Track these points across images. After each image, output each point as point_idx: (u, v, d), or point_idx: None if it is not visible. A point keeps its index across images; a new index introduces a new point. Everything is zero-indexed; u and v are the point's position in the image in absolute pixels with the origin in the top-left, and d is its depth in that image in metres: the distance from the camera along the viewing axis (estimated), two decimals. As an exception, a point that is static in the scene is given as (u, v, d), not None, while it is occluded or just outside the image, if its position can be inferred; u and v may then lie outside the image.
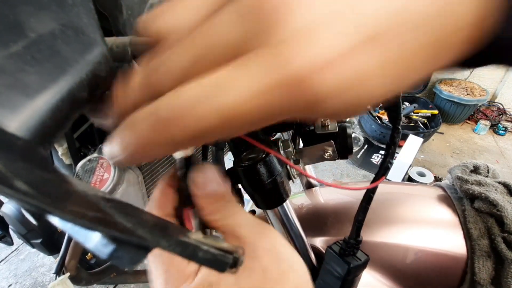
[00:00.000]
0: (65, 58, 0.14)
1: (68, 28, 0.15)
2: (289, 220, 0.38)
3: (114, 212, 0.10)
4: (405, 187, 0.56)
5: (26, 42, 0.13)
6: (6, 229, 0.98)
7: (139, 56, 0.18)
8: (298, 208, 0.56)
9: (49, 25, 0.14)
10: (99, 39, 0.15)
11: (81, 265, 0.57)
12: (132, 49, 0.18)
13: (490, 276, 0.39)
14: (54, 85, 0.13)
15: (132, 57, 0.18)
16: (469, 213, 0.43)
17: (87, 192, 0.10)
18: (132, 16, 0.24)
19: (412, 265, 0.45)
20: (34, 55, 0.13)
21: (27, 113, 0.11)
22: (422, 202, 0.49)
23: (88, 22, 0.15)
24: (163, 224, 0.12)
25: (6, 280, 1.45)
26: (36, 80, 0.13)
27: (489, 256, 0.40)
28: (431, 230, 0.46)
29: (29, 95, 0.12)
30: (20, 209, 0.82)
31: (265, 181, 0.30)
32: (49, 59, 0.13)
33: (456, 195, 0.48)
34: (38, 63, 0.13)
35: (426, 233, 0.45)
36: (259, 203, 0.34)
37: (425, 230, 0.46)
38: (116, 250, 0.09)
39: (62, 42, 0.14)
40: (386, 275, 0.48)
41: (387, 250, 0.47)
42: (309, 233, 0.51)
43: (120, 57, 0.18)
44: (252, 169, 0.30)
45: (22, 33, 0.13)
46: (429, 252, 0.44)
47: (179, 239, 0.09)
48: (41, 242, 0.86)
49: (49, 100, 0.13)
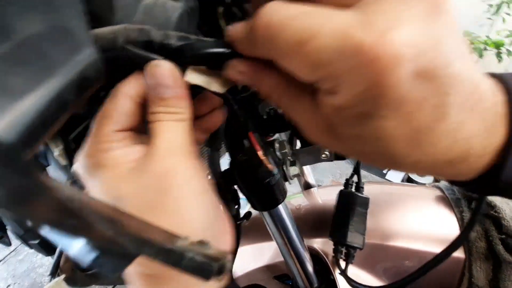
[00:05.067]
0: (52, 60, 0.14)
1: (56, 30, 0.14)
2: (286, 221, 0.38)
3: (97, 219, 0.10)
4: (404, 188, 0.56)
5: (12, 44, 0.13)
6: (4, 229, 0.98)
7: (131, 42, 0.18)
8: (296, 208, 0.56)
9: (36, 26, 0.14)
10: (88, 40, 0.15)
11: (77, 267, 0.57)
12: (125, 35, 0.18)
13: (487, 278, 0.39)
14: (41, 88, 0.13)
15: (124, 43, 0.18)
16: (467, 215, 0.43)
17: (70, 198, 0.10)
18: (125, 16, 0.24)
19: (409, 267, 0.45)
20: (21, 57, 0.13)
21: (11, 116, 0.11)
22: (420, 204, 0.49)
23: (76, 23, 0.15)
24: (151, 230, 0.12)
25: (4, 280, 1.45)
26: (22, 82, 0.12)
27: (487, 258, 0.40)
28: (429, 232, 0.45)
29: (14, 98, 0.12)
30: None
31: (260, 183, 0.30)
32: (36, 61, 0.13)
33: (454, 197, 0.48)
34: (24, 65, 0.13)
35: (424, 235, 0.45)
36: (255, 204, 0.33)
37: (423, 231, 0.46)
38: (98, 258, 0.09)
39: (49, 43, 0.14)
40: (383, 276, 0.47)
41: (385, 252, 0.47)
42: (307, 234, 0.51)
43: (112, 44, 0.18)
44: (248, 170, 0.30)
45: (8, 34, 0.13)
46: (427, 254, 0.44)
47: (162, 247, 0.09)
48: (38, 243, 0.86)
49: (35, 103, 0.12)
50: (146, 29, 0.19)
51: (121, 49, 0.18)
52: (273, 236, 0.40)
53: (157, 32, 0.19)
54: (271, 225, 0.38)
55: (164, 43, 0.19)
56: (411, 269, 0.45)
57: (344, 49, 0.13)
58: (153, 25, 0.24)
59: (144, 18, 0.24)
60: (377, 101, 0.13)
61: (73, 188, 0.11)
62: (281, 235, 0.39)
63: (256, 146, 0.28)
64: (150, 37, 0.19)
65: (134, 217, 0.12)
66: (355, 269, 0.48)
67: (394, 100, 0.13)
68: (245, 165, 0.29)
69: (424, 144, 0.14)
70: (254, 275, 0.55)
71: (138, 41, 0.19)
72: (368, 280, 0.47)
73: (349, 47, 0.12)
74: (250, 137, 0.28)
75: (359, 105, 0.14)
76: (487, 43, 1.85)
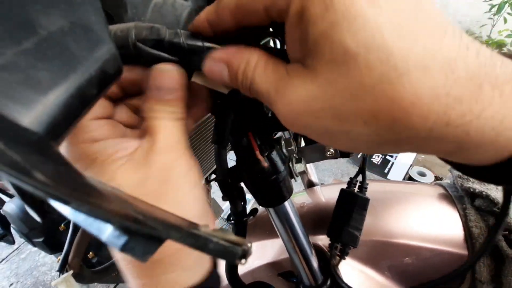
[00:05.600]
0: (74, 55, 0.14)
1: (77, 26, 0.15)
2: (291, 218, 0.38)
3: (126, 205, 0.10)
4: (406, 186, 0.56)
5: (36, 39, 0.13)
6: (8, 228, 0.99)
7: (141, 40, 0.19)
8: (300, 207, 0.56)
9: (58, 22, 0.14)
10: (107, 36, 0.16)
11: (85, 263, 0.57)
12: (136, 33, 0.19)
13: (490, 274, 0.40)
14: (64, 82, 0.13)
15: (135, 40, 0.19)
16: (470, 212, 0.44)
17: (98, 185, 0.10)
18: (136, 15, 0.25)
19: (413, 264, 0.45)
20: (45, 52, 0.13)
21: (39, 108, 0.12)
22: (423, 201, 0.49)
23: (96, 20, 0.16)
24: (173, 217, 0.12)
25: (7, 279, 1.46)
26: (47, 76, 0.13)
27: (490, 254, 0.40)
28: (432, 229, 0.46)
29: (40, 91, 0.12)
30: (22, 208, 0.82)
31: (267, 179, 0.30)
32: (59, 56, 0.14)
33: (457, 194, 0.48)
34: (49, 60, 0.13)
35: (427, 232, 0.46)
36: (261, 200, 0.34)
37: (426, 228, 0.46)
38: (128, 242, 0.09)
39: (71, 39, 0.14)
40: (387, 273, 0.48)
41: (389, 249, 0.47)
42: (311, 231, 0.51)
43: (123, 41, 0.19)
44: (255, 167, 0.30)
45: (32, 30, 0.13)
46: (430, 251, 0.44)
47: (190, 231, 0.09)
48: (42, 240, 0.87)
49: (59, 96, 0.13)
50: (156, 27, 0.20)
51: (132, 46, 0.19)
52: (279, 232, 0.40)
53: (167, 30, 0.20)
54: (277, 221, 0.38)
55: (174, 42, 0.19)
56: (414, 266, 0.45)
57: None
58: (162, 23, 0.25)
59: (154, 16, 0.25)
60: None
61: (94, 178, 0.11)
62: (287, 231, 0.39)
63: (254, 145, 0.29)
64: (160, 35, 0.19)
65: (156, 206, 0.13)
66: (360, 265, 0.48)
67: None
68: (244, 163, 0.30)
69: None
70: (259, 272, 0.56)
71: (148, 39, 0.19)
72: (371, 276, 0.48)
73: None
74: (249, 136, 0.29)
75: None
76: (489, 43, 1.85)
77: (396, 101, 0.13)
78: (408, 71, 0.12)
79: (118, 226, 0.09)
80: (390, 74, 0.12)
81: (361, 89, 0.13)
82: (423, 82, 0.12)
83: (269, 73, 0.17)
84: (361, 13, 0.12)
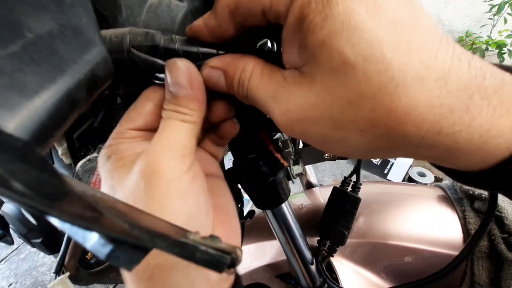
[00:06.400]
0: (63, 58, 0.14)
1: (67, 28, 0.15)
2: (289, 220, 0.38)
3: (112, 213, 0.10)
4: (405, 188, 0.56)
5: (24, 42, 0.13)
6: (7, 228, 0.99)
7: (136, 46, 0.18)
8: (298, 208, 0.56)
9: (47, 25, 0.14)
10: (98, 39, 0.15)
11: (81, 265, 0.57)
12: (131, 38, 0.18)
13: (489, 277, 0.39)
14: (52, 86, 0.13)
15: (129, 46, 0.18)
16: (469, 214, 0.43)
17: (84, 192, 0.10)
18: (131, 16, 0.24)
19: (412, 266, 0.45)
20: (32, 55, 0.13)
21: (24, 113, 0.11)
22: (422, 203, 0.49)
23: (86, 22, 0.15)
24: (162, 223, 0.12)
25: (6, 279, 1.46)
26: (34, 80, 0.13)
27: (489, 257, 0.40)
28: (430, 231, 0.46)
29: (27, 96, 0.12)
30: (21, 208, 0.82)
31: (264, 181, 0.30)
32: (47, 59, 0.13)
33: (456, 196, 0.48)
34: (36, 63, 0.13)
35: (426, 234, 0.45)
36: (258, 203, 0.34)
37: (425, 230, 0.46)
38: (113, 251, 0.09)
39: (60, 42, 0.14)
40: (386, 275, 0.48)
41: (387, 251, 0.47)
42: (309, 233, 0.51)
43: (118, 47, 0.18)
44: (252, 169, 0.30)
45: (20, 33, 0.13)
46: (429, 253, 0.44)
47: (176, 240, 0.09)
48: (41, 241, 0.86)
49: (47, 101, 0.13)
50: (151, 33, 0.19)
51: (126, 52, 0.19)
52: (276, 235, 0.40)
53: (162, 36, 0.19)
54: (274, 223, 0.38)
55: (169, 48, 0.19)
56: (412, 267, 0.45)
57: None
58: (157, 24, 0.24)
59: (149, 17, 0.25)
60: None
61: (84, 183, 0.11)
62: (284, 234, 0.39)
63: (269, 144, 0.28)
64: (155, 41, 0.19)
65: (144, 212, 0.13)
66: (355, 267, 0.48)
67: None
68: (250, 163, 0.29)
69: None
70: (257, 274, 0.55)
71: (143, 45, 0.19)
72: (368, 277, 0.47)
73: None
74: (262, 135, 0.29)
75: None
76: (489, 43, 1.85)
77: (392, 110, 0.13)
78: (405, 82, 0.13)
79: (103, 235, 0.09)
80: (387, 85, 0.13)
81: (359, 98, 0.14)
82: (419, 93, 0.13)
83: (265, 81, 0.17)
84: (361, 25, 0.13)
